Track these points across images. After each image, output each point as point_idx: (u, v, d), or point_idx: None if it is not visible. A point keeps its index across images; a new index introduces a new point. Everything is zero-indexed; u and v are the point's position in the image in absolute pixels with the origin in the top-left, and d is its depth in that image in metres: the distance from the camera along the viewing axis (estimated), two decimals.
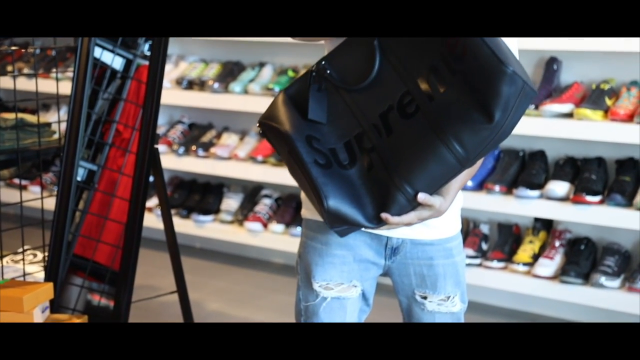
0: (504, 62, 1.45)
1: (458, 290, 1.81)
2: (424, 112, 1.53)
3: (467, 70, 1.49)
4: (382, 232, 1.73)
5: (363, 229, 1.66)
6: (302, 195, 1.78)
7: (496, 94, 1.46)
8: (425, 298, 1.80)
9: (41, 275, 2.86)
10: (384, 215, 1.57)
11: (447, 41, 1.51)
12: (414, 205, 1.58)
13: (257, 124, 1.65)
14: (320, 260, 1.76)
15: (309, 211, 1.79)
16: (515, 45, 1.70)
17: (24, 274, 2.78)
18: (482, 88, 1.47)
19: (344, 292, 1.76)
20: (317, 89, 1.60)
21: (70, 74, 2.66)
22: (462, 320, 1.84)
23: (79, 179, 2.79)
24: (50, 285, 2.40)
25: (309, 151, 1.58)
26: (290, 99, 1.63)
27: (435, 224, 1.74)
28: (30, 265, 2.96)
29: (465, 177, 1.67)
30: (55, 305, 2.62)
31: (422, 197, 1.56)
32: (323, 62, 1.61)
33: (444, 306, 1.80)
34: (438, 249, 1.78)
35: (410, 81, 1.55)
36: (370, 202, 1.58)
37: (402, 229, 1.72)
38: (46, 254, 2.74)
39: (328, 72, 1.60)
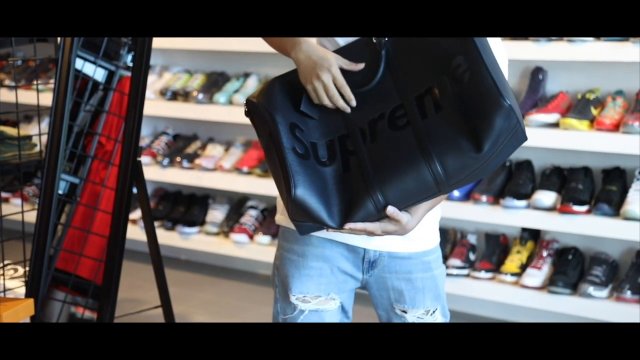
0: (504, 95, 1.44)
1: (438, 304, 1.78)
2: (414, 128, 1.52)
3: (465, 94, 1.48)
4: (359, 243, 1.70)
5: (331, 234, 1.65)
6: (278, 198, 1.75)
7: (490, 125, 1.45)
8: (404, 312, 1.77)
9: (22, 290, 2.81)
10: (348, 225, 1.55)
11: (453, 61, 1.50)
12: (381, 215, 1.55)
13: (244, 102, 1.63)
14: (297, 272, 1.73)
15: (283, 217, 1.75)
16: (505, 58, 1.68)
17: (4, 290, 2.73)
18: (477, 116, 1.46)
19: (322, 304, 1.73)
20: None
21: (52, 86, 2.61)
22: None
23: (60, 192, 2.75)
24: (31, 301, 2.36)
25: (290, 138, 1.57)
26: (285, 85, 1.62)
27: (413, 237, 1.71)
28: (11, 280, 2.91)
29: (435, 203, 1.65)
30: (37, 321, 2.58)
31: (391, 210, 1.54)
32: None
33: (424, 320, 1.77)
34: (416, 263, 1.75)
35: (406, 97, 1.55)
36: (338, 203, 1.56)
37: (379, 241, 1.70)
38: (27, 268, 2.69)
39: None
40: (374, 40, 1.59)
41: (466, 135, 1.47)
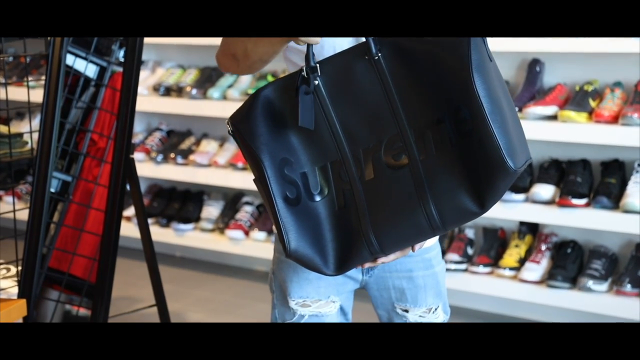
0: (508, 158, 1.38)
1: (440, 301, 1.75)
2: (412, 169, 1.46)
3: (468, 149, 1.42)
4: None
5: None
6: None
7: (494, 188, 1.41)
8: (406, 311, 1.73)
9: (15, 290, 2.77)
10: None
11: (457, 112, 1.42)
12: (376, 258, 1.52)
13: (227, 123, 1.53)
14: (296, 276, 1.68)
15: None
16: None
17: None
18: (481, 177, 1.41)
19: (322, 308, 1.69)
20: (305, 92, 1.48)
21: (44, 82, 2.57)
22: None
23: (52, 190, 2.71)
24: (23, 302, 2.32)
25: (280, 182, 1.49)
26: (268, 104, 1.51)
27: None
28: (4, 280, 2.87)
29: None
30: (30, 321, 2.54)
31: (389, 259, 1.53)
32: (314, 65, 1.49)
33: (426, 319, 1.74)
34: (417, 260, 1.71)
35: (404, 125, 1.47)
36: (333, 248, 1.51)
37: None
38: (20, 268, 2.65)
39: (317, 82, 1.49)
40: (366, 57, 1.47)
41: (468, 192, 1.43)
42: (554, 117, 3.32)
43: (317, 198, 1.51)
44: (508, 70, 3.56)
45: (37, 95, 2.93)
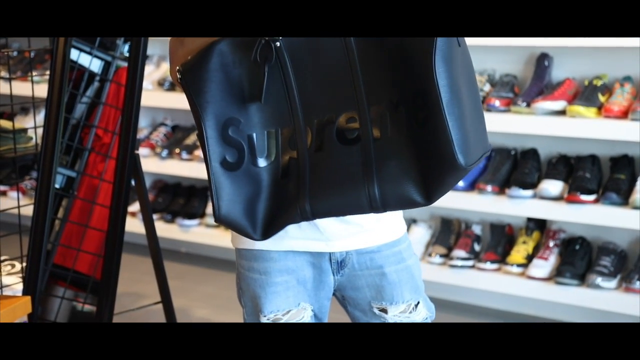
0: (458, 153, 1.36)
1: (418, 296, 1.66)
2: (363, 147, 1.43)
3: (420, 137, 1.39)
4: (322, 249, 1.60)
5: (291, 244, 1.58)
6: None
7: (442, 183, 1.40)
8: (384, 311, 1.65)
9: (20, 287, 2.75)
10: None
11: (415, 99, 1.39)
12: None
13: (177, 70, 1.45)
14: (263, 292, 1.61)
15: (237, 239, 1.64)
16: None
17: (1, 286, 2.68)
18: (430, 168, 1.39)
19: (294, 317, 1.61)
20: (264, 61, 1.42)
21: (48, 77, 2.55)
22: None
23: (57, 186, 2.69)
24: (28, 299, 2.30)
25: (220, 144, 1.45)
26: (222, 58, 1.44)
27: (376, 229, 1.61)
28: (8, 276, 2.86)
29: None
30: (35, 318, 2.52)
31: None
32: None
33: (406, 317, 1.65)
34: (387, 255, 1.63)
35: (363, 103, 1.43)
36: (263, 214, 1.47)
37: (342, 242, 1.60)
38: (24, 264, 2.64)
39: (278, 44, 1.43)
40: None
41: (415, 181, 1.41)
42: (562, 112, 3.29)
43: (262, 163, 1.47)
44: (516, 65, 3.53)
45: (42, 90, 2.90)
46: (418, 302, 1.66)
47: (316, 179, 1.45)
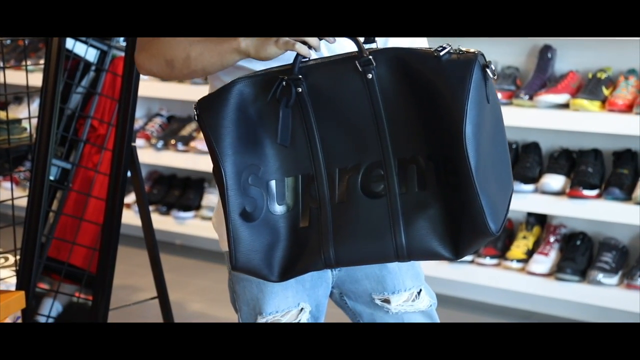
0: (492, 219, 1.34)
1: (420, 283, 1.63)
2: (390, 201, 1.38)
3: (451, 196, 1.36)
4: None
5: None
6: (216, 220, 1.62)
7: (473, 245, 1.38)
8: (387, 302, 1.61)
9: (13, 280, 2.69)
10: None
11: (445, 163, 1.35)
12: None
13: (195, 107, 1.41)
14: (261, 293, 1.56)
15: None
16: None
17: None
18: (460, 229, 1.36)
19: (293, 318, 1.57)
20: (286, 105, 1.38)
21: (42, 66, 2.49)
22: (436, 317, 1.66)
23: (51, 178, 2.63)
24: (22, 294, 2.25)
25: (240, 194, 1.39)
26: (242, 101, 1.39)
27: None
28: (2, 269, 2.80)
29: None
30: (29, 313, 2.47)
31: None
32: (297, 70, 1.37)
33: (409, 305, 1.62)
34: None
35: (388, 154, 1.38)
36: (282, 258, 1.42)
37: None
38: (18, 257, 2.58)
39: (300, 89, 1.38)
40: (360, 68, 1.36)
41: (444, 238, 1.38)
42: (565, 106, 3.24)
43: (281, 211, 1.42)
44: (518, 57, 3.48)
45: (36, 80, 2.84)
46: (420, 290, 1.63)
47: (340, 229, 1.40)
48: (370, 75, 1.36)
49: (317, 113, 1.40)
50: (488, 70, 1.36)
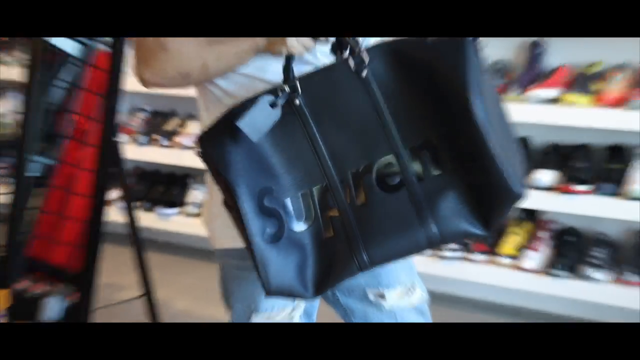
0: (515, 182, 1.30)
1: (414, 278, 1.64)
2: (410, 193, 1.35)
3: (469, 170, 1.32)
4: None
5: None
6: (216, 223, 1.58)
7: (501, 212, 1.34)
8: (381, 297, 1.61)
9: None
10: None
11: (451, 128, 1.32)
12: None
13: (196, 143, 1.38)
14: (258, 289, 1.53)
15: (221, 239, 1.58)
16: None
17: None
18: (485, 200, 1.33)
19: (287, 317, 1.56)
20: (271, 104, 1.35)
21: (17, 58, 2.42)
22: (428, 313, 1.65)
23: (32, 174, 2.56)
24: (6, 292, 2.19)
25: (259, 217, 1.35)
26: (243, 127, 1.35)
27: None
28: None
29: None
30: (13, 312, 2.41)
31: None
32: (295, 83, 1.35)
33: (404, 300, 1.62)
34: None
35: (398, 146, 1.35)
36: (313, 273, 1.38)
37: None
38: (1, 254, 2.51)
39: (298, 102, 1.35)
40: (352, 67, 1.34)
41: (473, 214, 1.35)
42: (556, 100, 3.21)
43: (302, 227, 1.38)
44: (508, 51, 3.45)
45: (10, 73, 2.77)
46: (414, 283, 1.64)
47: (367, 231, 1.36)
48: (364, 74, 1.34)
49: (318, 122, 1.37)
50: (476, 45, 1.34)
